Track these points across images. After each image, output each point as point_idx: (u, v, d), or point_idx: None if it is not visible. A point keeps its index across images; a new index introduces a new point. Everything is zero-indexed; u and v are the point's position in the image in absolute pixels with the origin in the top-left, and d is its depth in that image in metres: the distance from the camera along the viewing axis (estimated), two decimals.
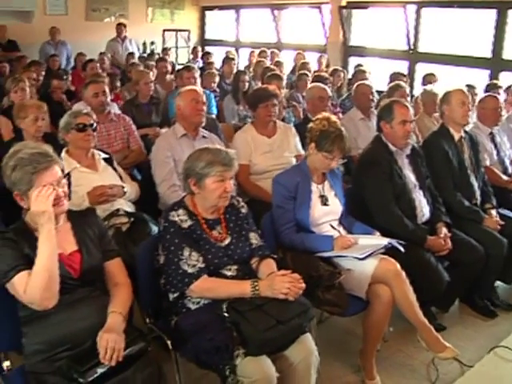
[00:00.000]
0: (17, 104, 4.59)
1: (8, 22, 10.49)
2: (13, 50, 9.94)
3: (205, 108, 4.01)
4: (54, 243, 2.26)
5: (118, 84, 7.25)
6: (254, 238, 2.88)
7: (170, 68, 7.98)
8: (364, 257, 3.09)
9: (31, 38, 10.49)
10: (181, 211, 2.73)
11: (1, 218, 3.52)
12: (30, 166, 2.30)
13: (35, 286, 2.20)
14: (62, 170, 2.45)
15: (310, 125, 3.37)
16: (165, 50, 11.32)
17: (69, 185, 2.52)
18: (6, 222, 3.38)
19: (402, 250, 3.21)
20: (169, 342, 2.67)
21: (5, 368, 2.50)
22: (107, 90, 4.72)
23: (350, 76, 8.54)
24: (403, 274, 3.14)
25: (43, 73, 7.90)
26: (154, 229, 3.29)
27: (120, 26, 11.23)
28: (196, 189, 2.73)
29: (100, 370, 2.21)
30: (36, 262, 2.23)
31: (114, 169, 3.70)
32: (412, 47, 9.91)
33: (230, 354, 2.40)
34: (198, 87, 4.87)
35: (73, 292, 2.36)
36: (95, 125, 3.64)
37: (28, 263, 2.26)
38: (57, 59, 9.44)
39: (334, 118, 3.38)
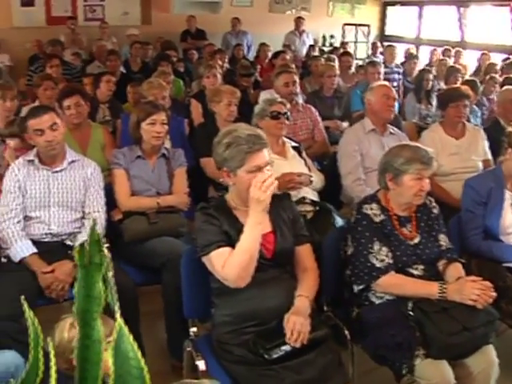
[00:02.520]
0: (212, 88, 4.85)
1: (197, 13, 11.07)
2: (201, 39, 10.51)
3: (395, 104, 3.98)
4: (260, 229, 2.33)
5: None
6: (444, 240, 2.81)
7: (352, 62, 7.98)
8: None
9: (217, 27, 10.96)
10: (374, 205, 2.74)
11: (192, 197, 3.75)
12: (245, 145, 2.36)
13: (234, 264, 2.29)
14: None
15: (510, 129, 3.23)
16: (344, 44, 11.33)
17: None
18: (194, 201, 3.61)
19: None
20: (347, 332, 2.68)
21: (191, 334, 2.66)
22: (297, 80, 4.83)
23: None
24: None
25: (227, 60, 8.29)
26: (338, 220, 3.35)
27: (299, 20, 11.34)
28: (392, 184, 2.71)
29: (284, 349, 2.28)
30: (240, 243, 2.30)
31: (302, 157, 3.78)
32: None
33: (411, 353, 2.38)
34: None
35: (265, 271, 2.41)
36: (288, 113, 3.75)
37: (227, 240, 2.36)
38: (241, 48, 9.91)
39: None
